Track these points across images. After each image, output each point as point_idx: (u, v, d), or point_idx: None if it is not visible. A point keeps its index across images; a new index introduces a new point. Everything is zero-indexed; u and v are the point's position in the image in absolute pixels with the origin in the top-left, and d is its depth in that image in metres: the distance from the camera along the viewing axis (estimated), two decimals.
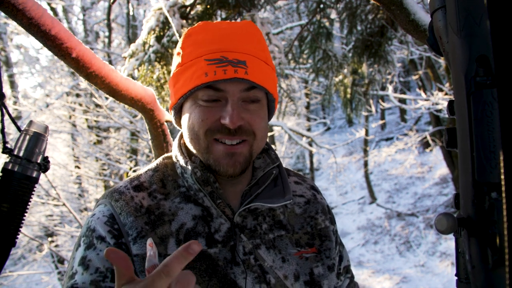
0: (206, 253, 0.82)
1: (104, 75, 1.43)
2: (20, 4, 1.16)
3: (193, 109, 0.84)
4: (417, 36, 1.66)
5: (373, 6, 3.97)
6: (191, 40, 0.86)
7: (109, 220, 0.83)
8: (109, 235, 0.81)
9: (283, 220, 0.92)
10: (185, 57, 0.85)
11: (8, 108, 0.81)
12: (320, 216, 0.98)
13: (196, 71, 0.81)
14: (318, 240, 0.94)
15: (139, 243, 0.80)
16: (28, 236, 4.91)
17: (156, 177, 0.91)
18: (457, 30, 0.54)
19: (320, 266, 0.92)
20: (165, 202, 0.87)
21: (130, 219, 0.82)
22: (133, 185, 0.89)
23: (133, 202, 0.85)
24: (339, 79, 4.78)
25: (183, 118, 0.89)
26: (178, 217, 0.85)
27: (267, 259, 0.86)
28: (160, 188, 0.89)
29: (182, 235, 0.83)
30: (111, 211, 0.84)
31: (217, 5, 3.34)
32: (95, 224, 0.83)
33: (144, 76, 3.11)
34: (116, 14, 12.99)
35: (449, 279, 7.62)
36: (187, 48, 0.85)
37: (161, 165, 0.94)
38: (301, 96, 12.41)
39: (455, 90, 0.56)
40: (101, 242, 0.80)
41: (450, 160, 9.28)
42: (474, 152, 0.52)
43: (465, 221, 0.52)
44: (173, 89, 0.88)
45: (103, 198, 0.88)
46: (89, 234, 0.82)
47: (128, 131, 9.45)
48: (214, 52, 0.81)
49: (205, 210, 0.86)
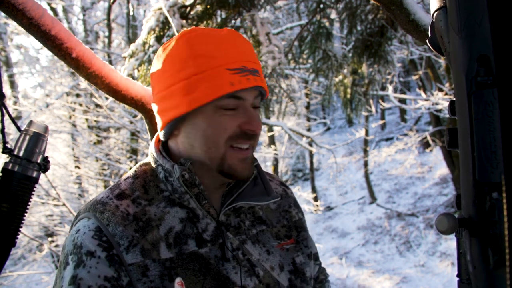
0: (198, 254, 0.84)
1: (104, 75, 1.43)
2: (20, 4, 1.16)
3: (213, 118, 0.84)
4: (417, 36, 1.66)
5: (373, 6, 3.97)
6: (202, 49, 0.84)
7: (96, 233, 0.80)
8: (99, 249, 0.79)
9: (262, 215, 0.98)
10: (200, 66, 0.82)
11: (8, 108, 0.81)
12: (294, 209, 1.06)
13: (220, 80, 0.82)
14: (295, 232, 1.02)
15: (132, 252, 0.79)
16: (28, 236, 4.91)
17: (137, 183, 0.90)
18: (458, 30, 0.54)
19: (301, 255, 0.99)
20: (150, 208, 0.86)
21: (119, 229, 0.81)
22: (115, 194, 0.87)
23: (119, 211, 0.84)
24: (339, 79, 4.78)
25: (193, 127, 0.86)
26: (165, 221, 0.85)
27: (253, 253, 0.91)
28: (143, 194, 0.88)
29: (171, 239, 0.84)
30: (97, 223, 0.82)
31: (217, 5, 3.34)
32: (81, 239, 0.80)
33: (144, 76, 3.11)
34: (116, 14, 13.00)
35: (449, 279, 7.62)
36: (200, 57, 0.83)
37: (140, 172, 0.93)
38: (301, 96, 12.41)
39: (456, 90, 0.56)
40: (90, 258, 0.78)
41: (450, 160, 9.28)
42: (475, 152, 0.52)
43: (466, 222, 0.52)
44: (184, 98, 0.84)
45: (85, 212, 0.86)
46: (77, 251, 0.79)
47: (128, 131, 9.45)
48: (234, 62, 0.84)
49: (190, 212, 0.88)
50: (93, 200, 0.88)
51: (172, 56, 0.86)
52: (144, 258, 0.80)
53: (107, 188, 0.91)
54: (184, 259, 0.82)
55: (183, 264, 0.82)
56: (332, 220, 12.16)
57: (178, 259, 0.82)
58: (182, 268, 0.81)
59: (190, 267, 0.82)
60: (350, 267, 9.43)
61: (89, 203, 0.87)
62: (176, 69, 0.85)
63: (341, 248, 10.46)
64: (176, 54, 0.86)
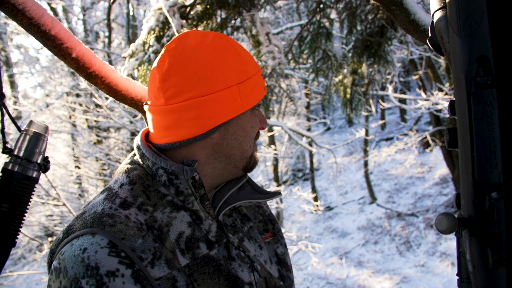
0: (209, 256, 0.83)
1: (104, 75, 1.43)
2: (20, 4, 1.16)
3: (251, 118, 0.92)
4: (417, 36, 1.66)
5: (373, 6, 3.97)
6: (242, 55, 0.89)
7: (112, 249, 0.71)
8: (122, 266, 0.70)
9: (247, 213, 1.02)
10: (249, 71, 0.88)
11: (8, 108, 0.81)
12: (264, 204, 1.10)
13: (260, 84, 0.91)
14: (271, 225, 1.06)
15: (158, 264, 0.74)
16: (28, 236, 4.91)
17: (136, 189, 0.83)
18: (458, 30, 0.54)
19: (280, 246, 1.04)
20: (157, 214, 0.81)
21: (138, 242, 0.73)
22: (117, 204, 0.79)
23: (131, 222, 0.76)
24: (339, 79, 4.78)
25: (237, 128, 0.89)
26: (174, 227, 0.82)
27: (250, 249, 0.94)
28: (146, 200, 0.82)
29: (183, 244, 0.81)
30: (108, 238, 0.72)
31: (217, 5, 3.34)
32: (95, 259, 0.69)
33: (144, 76, 3.11)
34: (116, 14, 13.00)
35: (449, 279, 7.62)
36: (246, 63, 0.89)
37: (134, 177, 0.85)
38: (301, 96, 12.41)
39: (455, 90, 0.56)
40: (114, 278, 0.69)
41: (450, 160, 9.28)
42: (475, 152, 0.52)
43: (465, 221, 0.52)
44: (239, 100, 0.85)
45: (84, 228, 0.74)
46: (93, 274, 0.68)
47: (128, 131, 9.45)
48: (257, 65, 0.93)
49: (193, 214, 0.86)
50: (90, 213, 0.77)
51: (214, 60, 0.84)
52: (171, 269, 0.75)
53: (100, 200, 0.81)
54: (199, 263, 0.80)
55: (199, 268, 0.80)
56: (332, 220, 12.16)
57: (193, 264, 0.80)
58: (199, 273, 0.79)
59: (206, 270, 0.81)
60: (350, 267, 9.43)
61: (90, 218, 0.76)
62: (225, 72, 0.84)
63: (341, 248, 10.46)
64: (222, 56, 0.85)
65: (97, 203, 0.80)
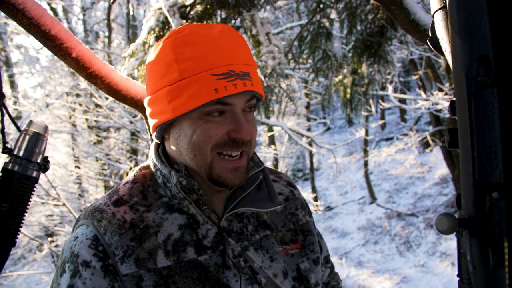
0: (196, 261, 0.83)
1: (104, 75, 1.43)
2: (20, 4, 1.16)
3: (198, 125, 0.81)
4: (417, 36, 1.66)
5: (373, 6, 3.97)
6: (187, 52, 0.79)
7: (93, 242, 0.80)
8: (95, 259, 0.79)
9: (267, 220, 0.95)
10: (184, 71, 0.79)
11: (8, 108, 0.81)
12: (300, 212, 1.01)
13: (204, 86, 0.78)
14: (301, 236, 0.97)
15: (127, 262, 0.79)
16: (28, 236, 4.91)
17: (135, 189, 0.88)
18: (458, 30, 0.54)
19: (306, 261, 0.95)
20: (149, 214, 0.85)
21: (115, 239, 0.80)
22: (112, 201, 0.86)
23: (115, 219, 0.83)
24: (339, 79, 4.78)
25: (180, 133, 0.83)
26: (164, 228, 0.84)
27: (256, 260, 0.88)
28: (141, 200, 0.86)
29: (170, 246, 0.82)
30: (94, 232, 0.82)
31: (217, 5, 3.34)
32: (78, 248, 0.80)
33: (144, 76, 3.11)
34: (116, 14, 13.00)
35: (449, 279, 7.62)
36: (185, 61, 0.79)
37: (139, 176, 0.91)
38: (301, 96, 12.40)
39: (456, 90, 0.56)
40: (86, 268, 0.78)
41: (450, 160, 9.28)
42: (475, 152, 0.52)
43: (466, 221, 0.52)
44: (168, 105, 0.81)
45: (84, 219, 0.86)
46: (73, 260, 0.79)
47: (128, 131, 9.45)
48: (220, 66, 0.79)
49: (190, 218, 0.86)
50: (93, 205, 0.87)
51: (157, 60, 0.83)
52: (138, 268, 0.79)
53: (107, 193, 0.90)
54: (183, 267, 0.81)
55: (181, 272, 0.81)
56: (332, 220, 12.16)
57: (176, 267, 0.81)
58: (180, 276, 0.80)
59: (189, 275, 0.81)
60: (350, 267, 9.43)
61: (89, 208, 0.87)
62: (161, 74, 0.82)
63: (341, 248, 10.46)
64: (161, 57, 0.82)
65: (102, 197, 0.89)
